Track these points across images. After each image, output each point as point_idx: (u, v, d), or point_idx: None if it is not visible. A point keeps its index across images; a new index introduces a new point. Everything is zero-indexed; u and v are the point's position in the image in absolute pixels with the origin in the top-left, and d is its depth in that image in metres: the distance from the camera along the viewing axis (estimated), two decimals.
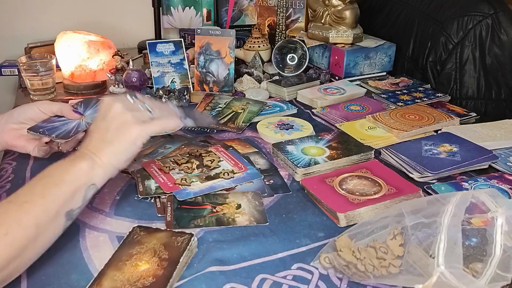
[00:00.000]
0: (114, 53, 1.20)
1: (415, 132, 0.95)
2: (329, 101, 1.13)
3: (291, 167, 0.83)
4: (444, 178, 0.81)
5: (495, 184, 0.77)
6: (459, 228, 0.54)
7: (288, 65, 1.29)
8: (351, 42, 1.29)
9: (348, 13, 1.28)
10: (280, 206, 0.74)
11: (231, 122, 1.01)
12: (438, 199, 0.58)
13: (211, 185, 0.77)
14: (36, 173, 0.80)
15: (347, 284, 0.58)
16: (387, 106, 1.10)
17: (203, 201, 0.74)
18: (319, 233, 0.67)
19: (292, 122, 1.01)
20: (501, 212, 0.54)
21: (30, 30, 1.50)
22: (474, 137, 0.91)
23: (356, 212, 0.69)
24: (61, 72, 1.24)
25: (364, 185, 0.75)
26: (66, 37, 1.22)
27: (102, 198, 0.75)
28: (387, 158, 0.87)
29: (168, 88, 1.13)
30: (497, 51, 1.19)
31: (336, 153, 0.85)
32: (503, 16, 1.18)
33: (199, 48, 1.19)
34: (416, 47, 1.32)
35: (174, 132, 0.98)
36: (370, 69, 1.30)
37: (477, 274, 0.52)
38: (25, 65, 1.12)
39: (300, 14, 1.42)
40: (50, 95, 1.16)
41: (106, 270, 0.57)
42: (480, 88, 1.20)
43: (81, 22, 1.49)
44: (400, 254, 0.57)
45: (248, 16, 1.60)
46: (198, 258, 0.62)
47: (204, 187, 0.76)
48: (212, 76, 1.19)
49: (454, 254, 0.52)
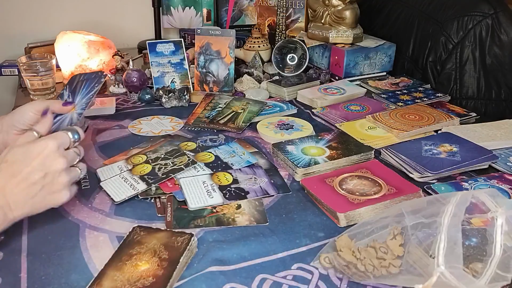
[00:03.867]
0: (114, 53, 1.20)
1: (415, 132, 0.95)
2: (329, 101, 1.13)
3: (291, 167, 0.83)
4: (444, 178, 0.81)
5: (495, 184, 0.77)
6: (459, 228, 0.54)
7: (288, 65, 1.29)
8: (351, 42, 1.29)
9: (348, 13, 1.28)
10: (280, 206, 0.74)
11: (231, 122, 1.01)
12: (438, 199, 0.58)
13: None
14: None
15: (347, 284, 0.58)
16: (387, 106, 1.10)
17: None
18: (319, 233, 0.67)
19: (292, 122, 1.01)
20: (501, 212, 0.54)
21: (30, 30, 1.50)
22: (474, 137, 0.91)
23: (356, 212, 0.69)
24: (61, 72, 1.24)
25: (364, 185, 0.75)
26: (66, 37, 1.22)
27: (102, 198, 0.75)
28: (387, 158, 0.87)
29: (168, 88, 1.13)
30: (497, 51, 1.19)
31: (336, 153, 0.85)
32: (503, 16, 1.18)
33: (199, 48, 1.19)
34: (416, 47, 1.32)
35: (174, 132, 0.98)
36: (370, 69, 1.30)
37: (477, 274, 0.52)
38: (25, 65, 1.12)
39: (300, 14, 1.42)
40: (50, 95, 1.15)
41: (106, 270, 0.57)
42: (480, 88, 1.20)
43: (81, 22, 1.50)
44: (400, 254, 0.57)
45: (248, 16, 1.60)
46: (198, 258, 0.61)
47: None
48: (212, 76, 1.19)
49: (454, 254, 0.52)
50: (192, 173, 0.80)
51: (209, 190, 0.75)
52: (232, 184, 0.78)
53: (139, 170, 0.80)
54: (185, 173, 0.79)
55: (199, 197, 0.73)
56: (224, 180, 0.79)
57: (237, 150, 0.89)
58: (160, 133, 0.97)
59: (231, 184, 0.78)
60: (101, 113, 1.06)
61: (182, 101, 1.11)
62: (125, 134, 0.98)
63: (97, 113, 1.06)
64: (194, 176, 0.79)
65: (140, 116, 1.05)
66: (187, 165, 0.80)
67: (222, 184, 0.77)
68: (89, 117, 1.04)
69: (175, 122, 1.03)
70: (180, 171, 0.79)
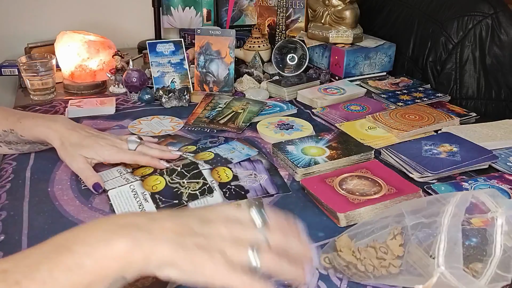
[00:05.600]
0: (114, 53, 1.20)
1: (415, 132, 0.95)
2: (329, 101, 1.13)
3: (291, 167, 0.83)
4: (444, 178, 0.81)
5: (495, 184, 0.77)
6: (459, 228, 0.54)
7: (288, 65, 1.29)
8: (351, 42, 1.29)
9: (348, 13, 1.28)
10: (280, 206, 0.74)
11: (231, 122, 1.01)
12: (438, 199, 0.58)
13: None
14: (36, 173, 0.81)
15: (347, 284, 0.58)
16: (387, 106, 1.10)
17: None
18: (319, 233, 0.67)
19: (292, 122, 1.01)
20: (501, 212, 0.54)
21: (30, 30, 1.50)
22: (474, 137, 0.91)
23: (356, 212, 0.69)
24: (61, 72, 1.24)
25: (364, 185, 0.75)
26: (66, 37, 1.22)
27: (102, 198, 0.75)
28: (387, 158, 0.87)
29: (168, 88, 1.13)
30: (497, 51, 1.19)
31: (336, 153, 0.85)
32: (503, 16, 1.18)
33: (199, 48, 1.19)
34: (416, 47, 1.32)
35: (174, 132, 0.98)
36: (370, 69, 1.30)
37: (477, 274, 0.52)
38: (25, 65, 1.12)
39: (300, 14, 1.42)
40: (50, 95, 1.16)
41: None
42: (480, 88, 1.20)
43: (81, 22, 1.49)
44: (400, 254, 0.57)
45: (248, 16, 1.60)
46: None
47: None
48: (212, 76, 1.19)
49: (454, 254, 0.52)
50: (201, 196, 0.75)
51: (210, 189, 0.75)
52: (232, 181, 0.78)
53: (151, 185, 0.75)
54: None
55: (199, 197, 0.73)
56: (224, 176, 0.79)
57: (236, 147, 0.89)
58: (160, 133, 0.98)
59: (231, 182, 0.78)
60: (101, 113, 1.06)
61: (182, 101, 1.11)
62: (125, 134, 0.97)
63: (97, 113, 1.06)
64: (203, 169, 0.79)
65: (140, 116, 1.05)
66: (203, 192, 0.73)
67: (222, 181, 0.77)
68: (89, 117, 1.04)
69: (175, 122, 1.03)
70: (195, 198, 0.72)
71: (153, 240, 0.42)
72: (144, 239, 0.42)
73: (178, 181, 0.75)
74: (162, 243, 0.43)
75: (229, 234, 0.45)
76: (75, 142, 0.77)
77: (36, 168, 0.83)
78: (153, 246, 0.42)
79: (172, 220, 0.45)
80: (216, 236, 0.45)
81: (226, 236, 0.45)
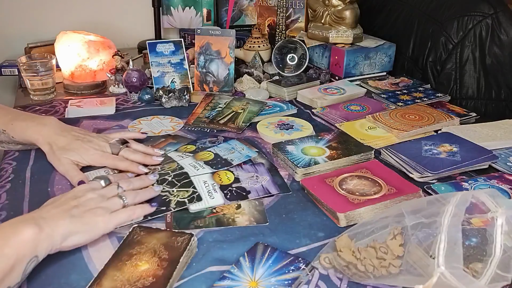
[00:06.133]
0: (114, 53, 1.20)
1: (415, 132, 0.95)
2: (329, 101, 1.13)
3: (291, 167, 0.83)
4: (444, 178, 0.81)
5: (495, 184, 0.77)
6: (459, 228, 0.54)
7: (288, 65, 1.29)
8: (351, 42, 1.29)
9: (348, 13, 1.28)
10: (280, 206, 0.74)
11: (231, 122, 1.01)
12: (438, 199, 0.58)
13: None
14: (36, 173, 0.81)
15: (347, 284, 0.58)
16: (387, 106, 1.10)
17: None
18: (319, 233, 0.67)
19: (292, 122, 1.01)
20: (501, 212, 0.54)
21: (30, 30, 1.50)
22: (474, 137, 0.91)
23: (356, 212, 0.69)
24: (61, 72, 1.24)
25: (364, 185, 0.75)
26: (66, 37, 1.22)
27: None
28: (387, 158, 0.87)
29: (168, 88, 1.13)
30: (497, 51, 1.19)
31: (336, 153, 0.85)
32: (503, 16, 1.18)
33: (199, 48, 1.19)
34: (416, 47, 1.32)
35: (174, 132, 0.98)
36: (370, 69, 1.30)
37: (477, 274, 0.52)
38: (25, 65, 1.12)
39: (300, 14, 1.42)
40: (50, 95, 1.16)
41: (106, 270, 0.57)
42: (480, 88, 1.20)
43: (81, 22, 1.50)
44: (400, 254, 0.57)
45: (248, 16, 1.60)
46: (197, 258, 0.61)
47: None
48: (212, 76, 1.19)
49: (454, 254, 0.52)
50: (193, 173, 0.79)
51: (210, 191, 0.75)
52: (233, 183, 0.78)
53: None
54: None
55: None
56: (226, 179, 0.79)
57: (236, 147, 0.89)
58: (160, 133, 0.97)
59: (233, 184, 0.78)
60: (101, 113, 1.06)
61: (182, 101, 1.11)
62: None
63: (97, 113, 1.06)
64: (195, 176, 0.79)
65: (140, 116, 1.05)
66: (191, 200, 0.72)
67: (223, 183, 0.77)
68: (89, 117, 1.04)
69: (175, 122, 1.03)
70: (183, 205, 0.71)
71: (50, 221, 0.58)
72: (43, 223, 0.57)
73: (167, 190, 0.75)
74: (57, 221, 0.58)
75: (96, 195, 0.65)
76: (62, 146, 0.80)
77: (36, 168, 0.83)
78: (52, 226, 0.57)
79: (55, 204, 0.62)
80: (90, 200, 0.64)
81: (96, 197, 0.65)
